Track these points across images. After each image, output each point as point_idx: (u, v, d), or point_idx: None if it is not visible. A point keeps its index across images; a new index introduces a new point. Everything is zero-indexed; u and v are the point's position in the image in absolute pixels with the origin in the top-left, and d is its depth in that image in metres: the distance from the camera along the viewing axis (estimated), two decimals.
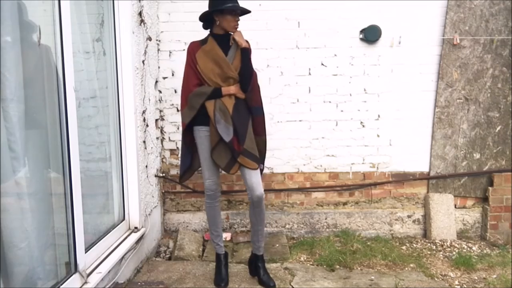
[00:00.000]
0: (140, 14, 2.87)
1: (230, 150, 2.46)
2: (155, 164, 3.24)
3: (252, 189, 2.47)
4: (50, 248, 1.95)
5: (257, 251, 2.66)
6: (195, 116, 2.50)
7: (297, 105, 3.40)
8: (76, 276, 2.00)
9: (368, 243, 3.23)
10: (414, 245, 3.26)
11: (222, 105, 2.45)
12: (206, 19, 2.55)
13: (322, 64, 3.37)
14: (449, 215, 3.36)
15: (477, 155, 3.39)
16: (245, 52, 2.47)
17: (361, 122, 3.42)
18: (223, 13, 2.44)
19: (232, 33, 2.50)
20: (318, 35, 3.34)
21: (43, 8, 1.89)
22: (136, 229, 2.80)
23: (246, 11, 2.49)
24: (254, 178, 2.48)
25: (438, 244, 3.26)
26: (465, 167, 3.40)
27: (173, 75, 3.38)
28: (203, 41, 2.55)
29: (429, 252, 3.12)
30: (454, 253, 3.10)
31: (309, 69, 3.37)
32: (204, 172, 2.57)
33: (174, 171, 3.46)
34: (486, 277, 2.72)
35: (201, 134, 2.53)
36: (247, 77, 2.47)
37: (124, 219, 2.77)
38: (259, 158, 2.56)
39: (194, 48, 2.52)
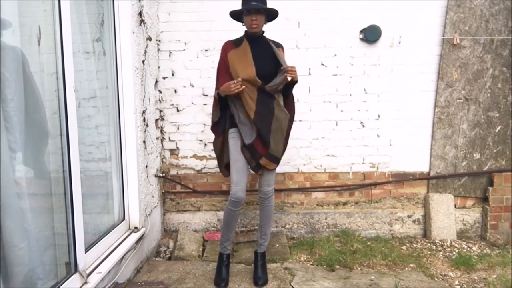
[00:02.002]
0: (140, 14, 2.87)
1: (251, 152, 2.47)
2: (155, 164, 3.24)
3: (260, 185, 2.59)
4: (50, 248, 1.94)
5: (258, 249, 2.73)
6: (226, 119, 2.55)
7: (297, 105, 3.37)
8: (76, 276, 2.00)
9: (368, 243, 3.23)
10: (414, 245, 3.26)
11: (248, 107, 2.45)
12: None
13: (322, 64, 3.37)
14: (449, 215, 3.36)
15: (477, 155, 3.39)
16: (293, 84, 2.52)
17: (361, 122, 3.43)
18: (243, 14, 2.48)
19: (276, 46, 2.54)
20: (318, 35, 3.34)
21: (43, 8, 1.89)
22: (136, 229, 2.80)
23: (261, 9, 2.45)
24: (266, 176, 2.57)
25: (438, 244, 3.26)
26: (465, 167, 3.40)
27: (173, 75, 3.38)
28: (236, 42, 2.54)
29: (429, 252, 3.12)
30: (454, 253, 3.10)
31: (309, 69, 3.37)
32: (232, 176, 2.49)
33: (174, 171, 3.47)
34: (486, 277, 2.72)
35: (233, 135, 2.54)
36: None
37: (124, 219, 2.77)
38: (279, 159, 2.58)
39: (226, 49, 2.53)
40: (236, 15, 2.57)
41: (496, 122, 3.37)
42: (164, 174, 3.40)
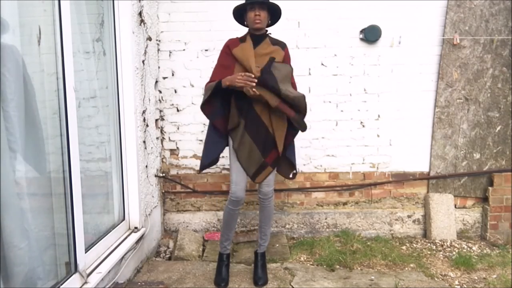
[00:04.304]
0: (140, 14, 2.87)
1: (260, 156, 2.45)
2: (155, 164, 3.24)
3: (260, 186, 2.57)
4: (50, 248, 1.95)
5: (257, 249, 2.72)
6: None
7: None
8: (76, 276, 2.00)
9: (368, 243, 3.23)
10: (414, 245, 3.26)
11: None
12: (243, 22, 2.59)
13: (322, 64, 3.37)
14: (449, 215, 3.36)
15: (477, 155, 3.39)
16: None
17: (361, 122, 3.42)
18: (246, 12, 2.46)
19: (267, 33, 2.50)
20: (318, 35, 3.34)
21: (43, 8, 1.89)
22: (136, 229, 2.80)
23: (265, 3, 2.43)
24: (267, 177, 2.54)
25: (438, 244, 3.26)
26: (465, 167, 3.40)
27: (173, 75, 3.38)
28: (241, 39, 2.52)
29: (429, 252, 3.12)
30: (454, 253, 3.10)
31: (309, 69, 3.37)
32: (231, 176, 2.49)
33: (174, 171, 3.47)
34: (486, 277, 2.72)
35: None
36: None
37: (124, 219, 2.77)
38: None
39: (230, 45, 2.50)
40: (238, 17, 2.57)
41: (496, 122, 3.37)
42: (164, 174, 3.40)
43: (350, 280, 2.67)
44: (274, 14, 2.55)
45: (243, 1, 2.50)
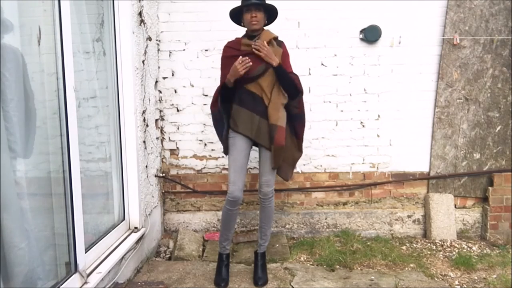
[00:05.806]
0: (140, 14, 2.87)
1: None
2: (155, 164, 3.24)
3: (260, 186, 2.58)
4: (50, 248, 1.95)
5: (257, 249, 2.73)
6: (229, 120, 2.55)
7: None
8: (76, 276, 2.01)
9: (368, 243, 3.23)
10: (414, 245, 3.26)
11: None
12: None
13: (322, 64, 3.37)
14: (449, 215, 3.36)
15: (477, 155, 3.39)
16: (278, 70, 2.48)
17: (361, 122, 3.42)
18: (242, 14, 2.49)
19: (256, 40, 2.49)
20: (318, 35, 3.34)
21: (43, 8, 1.89)
22: (136, 229, 2.80)
23: (261, 4, 2.46)
24: (266, 177, 2.57)
25: (438, 244, 3.26)
26: (465, 167, 3.40)
27: (173, 75, 3.38)
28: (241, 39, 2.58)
29: (429, 252, 3.12)
30: (454, 253, 3.10)
31: (309, 69, 3.37)
32: (230, 175, 2.50)
33: (174, 171, 3.47)
34: (486, 277, 2.72)
35: (233, 135, 2.53)
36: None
37: (124, 219, 2.77)
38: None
39: (233, 44, 2.57)
40: (235, 17, 2.59)
41: (496, 122, 3.37)
42: (164, 174, 3.40)
43: (350, 280, 2.67)
44: (270, 14, 2.57)
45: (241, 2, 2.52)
